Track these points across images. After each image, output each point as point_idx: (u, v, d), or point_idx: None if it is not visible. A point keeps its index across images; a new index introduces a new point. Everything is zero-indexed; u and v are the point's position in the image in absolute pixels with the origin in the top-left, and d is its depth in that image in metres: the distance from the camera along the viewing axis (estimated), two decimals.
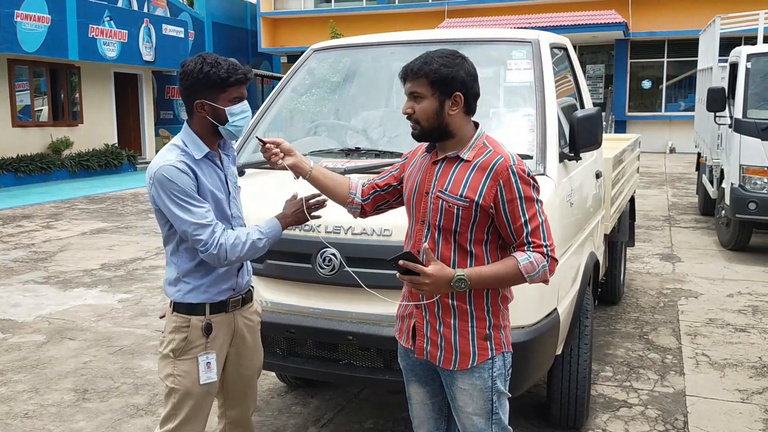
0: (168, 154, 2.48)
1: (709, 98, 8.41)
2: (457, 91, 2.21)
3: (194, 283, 2.54)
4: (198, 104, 2.46)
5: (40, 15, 15.20)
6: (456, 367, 2.30)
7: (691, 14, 21.04)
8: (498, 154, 2.23)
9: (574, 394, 3.70)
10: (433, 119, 2.22)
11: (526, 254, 2.19)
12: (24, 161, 15.49)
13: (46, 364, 4.94)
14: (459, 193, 2.22)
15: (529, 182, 2.22)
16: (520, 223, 2.19)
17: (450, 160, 2.28)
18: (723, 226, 8.58)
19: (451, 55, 2.25)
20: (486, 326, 2.29)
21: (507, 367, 2.38)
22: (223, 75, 2.41)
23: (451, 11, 24.15)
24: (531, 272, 2.18)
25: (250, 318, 2.73)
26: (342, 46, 4.32)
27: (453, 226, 2.24)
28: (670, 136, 22.39)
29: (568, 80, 4.27)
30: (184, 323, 2.54)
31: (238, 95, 2.47)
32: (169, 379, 2.55)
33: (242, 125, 2.51)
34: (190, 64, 2.45)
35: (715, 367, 4.79)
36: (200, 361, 2.53)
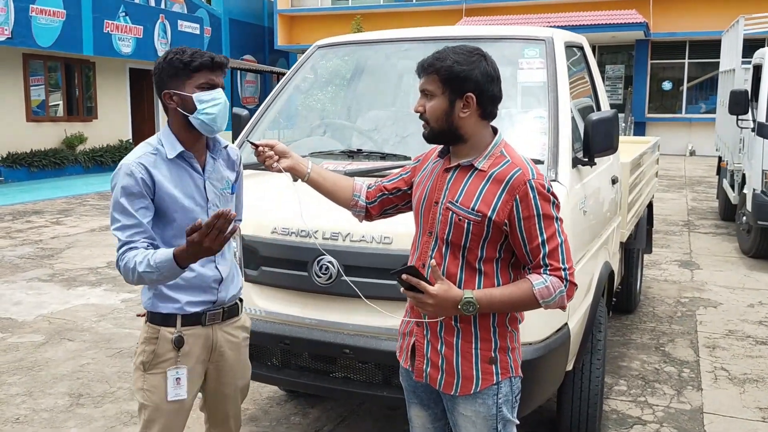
0: (135, 152, 2.34)
1: (731, 101, 8.17)
2: (469, 92, 2.02)
3: (164, 292, 2.37)
4: (166, 95, 2.30)
5: (55, 10, 15.17)
6: (458, 392, 2.12)
7: (713, 15, 20.68)
8: (516, 166, 2.03)
9: (585, 411, 3.52)
10: (442, 120, 2.05)
11: (542, 278, 2.00)
12: (37, 156, 15.47)
13: (42, 366, 4.83)
14: (471, 206, 2.03)
15: (549, 199, 2.02)
16: (537, 243, 2.00)
17: (463, 169, 2.09)
18: (744, 232, 8.32)
19: (469, 52, 2.05)
20: (491, 348, 2.10)
21: (515, 392, 2.18)
22: (186, 59, 2.24)
23: (469, 9, 23.93)
24: (547, 298, 1.99)
25: (233, 333, 2.52)
26: (347, 43, 4.15)
27: (462, 242, 2.05)
28: (690, 138, 22.03)
29: (584, 81, 4.08)
30: (154, 334, 2.38)
31: (205, 81, 2.28)
32: (140, 393, 2.40)
33: (214, 113, 2.29)
34: (160, 57, 2.32)
35: (734, 383, 4.57)
36: (169, 377, 2.36)
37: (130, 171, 2.25)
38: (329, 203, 3.12)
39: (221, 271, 2.45)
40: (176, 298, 2.36)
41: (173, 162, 2.33)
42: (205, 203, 2.39)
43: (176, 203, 2.32)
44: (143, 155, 2.31)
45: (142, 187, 2.25)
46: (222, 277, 2.45)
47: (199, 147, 2.40)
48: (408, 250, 2.28)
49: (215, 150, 2.46)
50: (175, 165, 2.33)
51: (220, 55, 2.33)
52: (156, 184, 2.28)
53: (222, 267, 2.45)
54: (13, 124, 15.37)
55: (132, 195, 2.25)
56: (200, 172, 2.39)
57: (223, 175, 2.48)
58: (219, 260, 2.45)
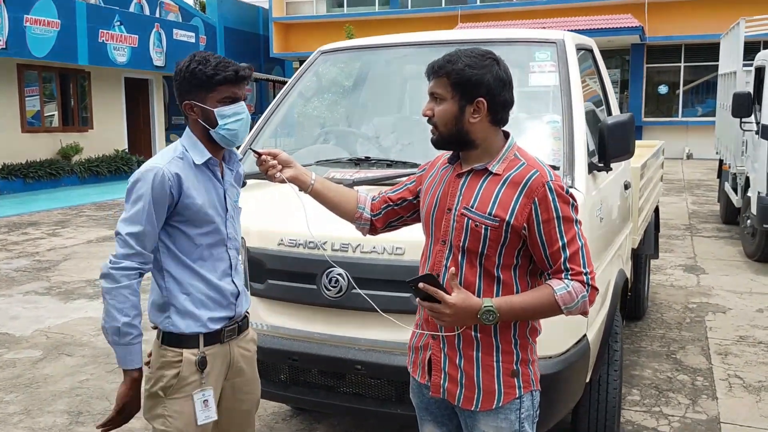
0: (162, 156, 2.24)
1: (734, 103, 8.09)
2: (480, 97, 1.93)
3: (186, 308, 2.25)
4: (187, 105, 2.21)
5: (49, 20, 15.07)
6: (478, 407, 2.02)
7: (708, 18, 20.68)
8: (532, 168, 1.95)
9: (602, 423, 3.41)
10: (451, 125, 1.97)
11: (563, 283, 1.91)
12: (33, 167, 15.33)
13: (40, 383, 4.70)
14: (487, 211, 1.94)
15: (568, 201, 1.94)
16: (557, 246, 1.91)
17: (477, 173, 2.00)
18: (748, 236, 8.24)
19: (481, 55, 1.96)
20: (513, 361, 2.01)
21: (535, 407, 2.09)
22: (209, 72, 2.14)
23: (464, 15, 23.90)
24: (569, 303, 1.90)
25: (246, 348, 2.44)
26: (351, 48, 4.06)
27: (479, 248, 1.96)
28: (687, 141, 21.99)
29: (594, 84, 3.99)
30: (175, 358, 2.25)
31: (229, 95, 2.19)
32: (158, 420, 2.26)
33: (236, 128, 2.22)
34: (181, 63, 2.20)
35: (749, 391, 4.47)
36: (196, 400, 2.24)
37: (163, 175, 2.16)
38: None
39: (237, 285, 2.37)
40: (198, 315, 2.26)
41: (200, 169, 2.25)
42: (225, 214, 2.32)
43: (201, 211, 2.23)
44: (172, 160, 2.21)
45: (168, 194, 2.17)
46: (239, 291, 2.38)
47: (219, 157, 2.33)
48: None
49: (231, 162, 2.39)
50: (201, 172, 2.26)
51: (245, 66, 2.25)
52: (183, 191, 2.19)
53: (237, 281, 2.38)
54: (8, 134, 15.24)
55: (158, 202, 2.16)
56: (221, 181, 2.32)
57: (236, 188, 2.43)
58: (235, 274, 2.37)
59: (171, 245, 2.25)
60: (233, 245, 2.37)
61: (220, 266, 2.31)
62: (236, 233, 2.40)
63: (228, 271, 2.34)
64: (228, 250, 2.34)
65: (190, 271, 2.25)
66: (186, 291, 2.25)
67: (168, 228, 2.24)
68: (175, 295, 2.26)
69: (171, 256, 2.26)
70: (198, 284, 2.26)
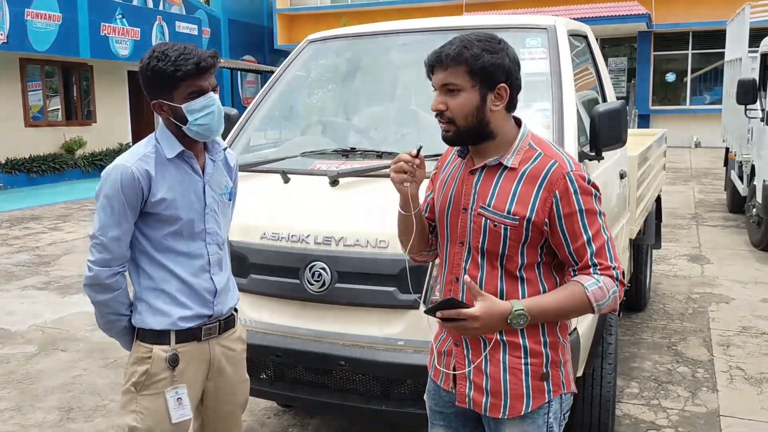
0: (132, 152, 2.18)
1: (739, 90, 7.97)
2: (502, 83, 1.81)
3: (155, 305, 2.20)
4: (155, 104, 2.13)
5: (51, 13, 15.02)
6: (506, 413, 1.88)
7: (715, 5, 20.42)
8: (551, 158, 1.83)
9: (597, 418, 3.34)
10: (472, 117, 1.81)
11: (593, 278, 1.79)
12: (36, 161, 15.35)
13: (33, 379, 4.67)
14: (506, 210, 1.81)
15: (591, 192, 1.82)
16: (582, 241, 1.79)
17: (491, 169, 1.87)
18: (754, 225, 8.13)
19: (492, 38, 1.83)
20: (543, 363, 1.87)
21: (564, 410, 1.96)
22: (170, 69, 2.04)
23: (468, 5, 23.72)
24: (600, 300, 1.78)
25: (230, 347, 2.35)
26: (341, 36, 3.97)
27: (500, 250, 1.84)
28: (695, 130, 21.77)
29: (588, 72, 3.90)
30: (146, 354, 2.20)
31: (194, 89, 2.09)
32: (131, 416, 2.22)
33: (208, 122, 2.13)
34: (144, 59, 2.11)
35: (751, 383, 4.39)
36: (168, 398, 2.18)
37: (131, 174, 2.10)
38: (321, 206, 2.97)
39: (216, 282, 2.28)
40: (168, 311, 2.19)
41: (173, 162, 2.18)
42: (203, 209, 2.24)
43: (172, 207, 2.16)
44: (143, 156, 2.15)
45: (138, 193, 2.11)
46: (216, 288, 2.27)
47: (198, 149, 2.24)
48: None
49: (214, 152, 2.30)
50: (175, 166, 2.18)
51: (207, 54, 2.11)
52: (153, 187, 2.13)
53: (217, 278, 2.29)
54: (11, 129, 15.24)
55: (129, 202, 2.11)
56: (200, 174, 2.23)
57: (222, 179, 2.33)
58: (215, 270, 2.28)
59: (143, 241, 2.20)
60: (214, 240, 2.28)
61: (196, 263, 2.24)
62: (218, 228, 2.30)
63: (206, 267, 2.26)
64: (207, 245, 2.26)
65: (161, 267, 2.20)
66: (157, 287, 2.20)
67: (140, 224, 2.18)
68: (147, 292, 2.21)
69: (143, 252, 2.20)
70: (170, 281, 2.20)
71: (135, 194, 2.11)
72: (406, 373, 2.66)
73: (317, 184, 3.02)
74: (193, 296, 2.23)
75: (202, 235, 2.25)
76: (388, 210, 2.74)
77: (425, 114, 3.48)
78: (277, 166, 3.25)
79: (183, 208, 2.18)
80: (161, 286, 2.20)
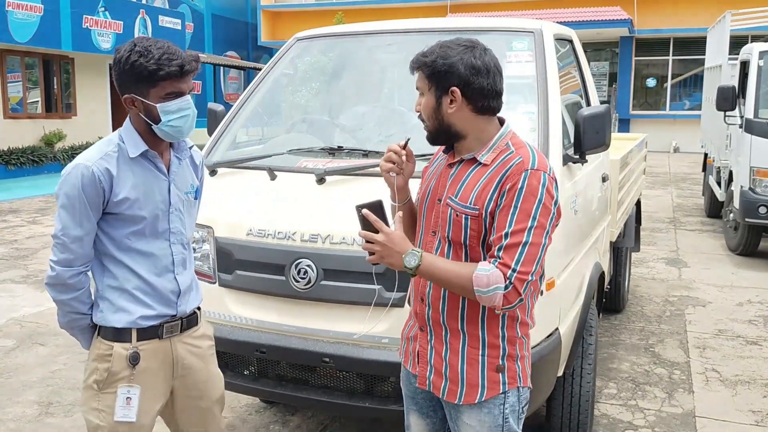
0: (94, 150, 2.14)
1: (718, 97, 8.08)
2: (452, 86, 1.89)
3: (116, 302, 2.17)
4: (128, 99, 2.11)
5: (32, 4, 14.83)
6: (462, 400, 1.99)
7: (697, 12, 20.67)
8: (517, 155, 1.90)
9: (575, 417, 3.39)
10: (433, 118, 1.96)
11: (489, 265, 1.84)
12: (15, 154, 15.15)
13: (11, 373, 4.63)
14: (469, 200, 1.91)
15: (536, 195, 1.84)
16: (500, 234, 1.85)
17: (467, 163, 1.97)
18: (731, 229, 8.25)
19: (457, 44, 1.93)
20: (499, 356, 1.98)
21: (522, 403, 2.04)
22: (152, 67, 2.02)
23: (453, 6, 23.78)
24: (482, 287, 1.82)
25: (194, 344, 2.33)
26: (328, 35, 3.99)
27: (462, 239, 1.93)
28: (674, 135, 22.00)
29: (573, 75, 3.94)
30: (107, 351, 2.17)
31: (173, 90, 2.07)
32: (93, 413, 2.19)
33: (180, 125, 2.12)
34: (122, 51, 2.07)
35: (726, 385, 4.47)
36: (119, 394, 2.16)
37: (92, 173, 2.07)
38: (308, 203, 2.98)
39: (180, 283, 2.25)
40: (128, 309, 2.17)
41: (136, 161, 2.15)
42: (167, 207, 2.21)
43: (134, 206, 2.13)
44: (105, 155, 2.12)
45: (99, 192, 2.08)
46: (180, 289, 2.26)
47: (163, 146, 2.22)
48: None
49: (180, 150, 2.27)
50: (138, 165, 2.15)
51: (190, 57, 2.10)
52: (115, 187, 2.10)
53: (181, 278, 2.26)
54: None
55: (91, 201, 2.08)
56: (165, 173, 2.21)
57: (188, 178, 2.31)
58: (179, 270, 2.26)
59: (105, 241, 2.17)
60: (178, 240, 2.26)
61: (160, 262, 2.21)
62: (183, 227, 2.28)
63: (170, 267, 2.23)
64: (171, 245, 2.23)
65: (123, 266, 2.17)
66: (119, 286, 2.18)
67: (102, 224, 2.15)
68: (109, 290, 2.19)
69: (105, 251, 2.18)
70: (132, 280, 2.18)
71: (96, 194, 2.08)
72: (390, 371, 2.68)
73: (304, 182, 3.03)
74: (155, 296, 2.20)
75: (166, 235, 2.22)
76: None
77: (411, 114, 3.51)
78: (263, 163, 3.25)
79: (147, 208, 2.16)
80: (123, 285, 2.17)
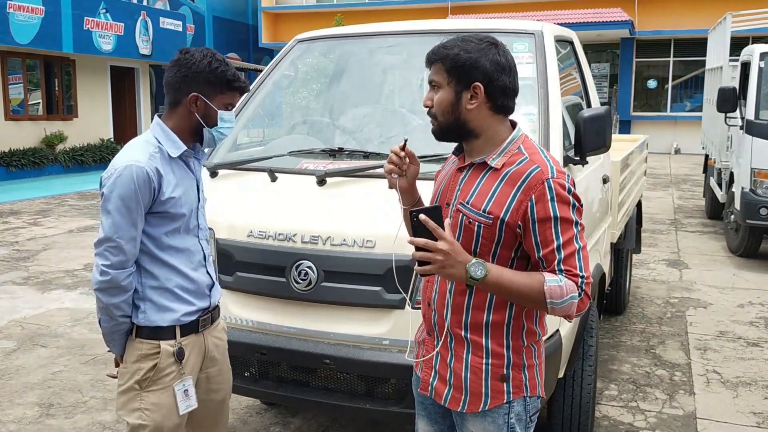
0: (139, 150, 2.17)
1: (719, 98, 8.08)
2: (476, 81, 1.85)
3: (161, 302, 2.23)
4: (193, 97, 2.19)
5: (33, 6, 14.85)
6: (465, 408, 1.94)
7: (698, 13, 20.67)
8: (534, 163, 1.84)
9: (577, 419, 3.38)
10: (449, 113, 1.88)
11: (557, 277, 1.79)
12: (16, 155, 15.15)
13: (12, 374, 4.63)
14: (482, 208, 1.85)
15: (568, 201, 1.83)
16: (552, 247, 1.80)
17: (477, 167, 1.91)
18: (732, 231, 8.25)
19: (479, 40, 1.89)
20: (504, 365, 1.91)
21: (530, 412, 1.98)
22: (230, 76, 2.20)
23: (454, 7, 23.80)
24: (556, 299, 1.77)
25: (219, 337, 2.45)
26: (329, 37, 3.98)
27: (473, 247, 1.87)
28: (675, 136, 22.01)
29: (573, 77, 3.94)
30: (152, 350, 2.22)
31: (232, 102, 2.26)
32: (135, 414, 2.22)
33: (226, 134, 2.28)
34: (196, 54, 2.19)
35: (727, 386, 4.46)
36: (177, 390, 2.24)
37: (145, 173, 2.11)
38: (308, 205, 2.98)
39: (211, 275, 2.38)
40: (173, 308, 2.24)
41: (174, 161, 2.23)
42: (197, 204, 2.32)
43: (179, 205, 2.22)
44: (151, 155, 2.16)
45: (151, 191, 2.14)
46: (213, 281, 2.38)
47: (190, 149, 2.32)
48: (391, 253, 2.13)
49: (198, 153, 2.36)
50: (176, 164, 2.24)
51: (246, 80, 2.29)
52: (163, 186, 2.16)
53: (210, 271, 2.39)
54: None
55: (143, 201, 2.13)
56: (194, 172, 2.32)
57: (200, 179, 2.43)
58: (208, 264, 2.37)
59: (145, 240, 2.20)
60: (204, 236, 2.37)
61: (195, 257, 2.31)
62: (206, 223, 2.41)
63: (202, 261, 2.34)
64: (200, 240, 2.34)
65: (165, 265, 2.23)
66: (160, 285, 2.23)
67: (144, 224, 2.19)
68: (149, 290, 2.23)
69: (145, 251, 2.22)
70: (174, 278, 2.24)
71: (149, 193, 2.14)
72: (391, 372, 2.68)
73: (304, 184, 3.03)
74: (195, 292, 2.29)
75: (196, 231, 2.33)
76: (375, 210, 2.78)
77: (412, 115, 3.51)
78: (264, 164, 3.25)
79: (186, 205, 2.25)
80: (165, 285, 2.23)
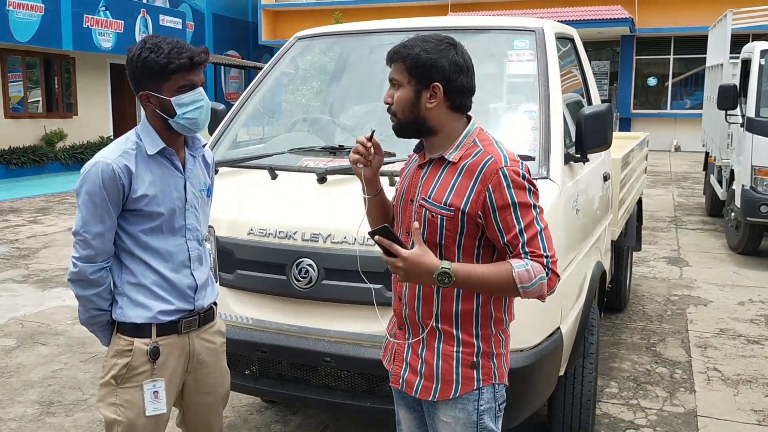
0: (113, 147, 2.19)
1: (720, 96, 8.06)
2: (435, 82, 1.91)
3: (135, 299, 2.21)
4: (143, 96, 2.16)
5: (33, 4, 14.83)
6: (436, 396, 2.00)
7: (698, 10, 20.64)
8: (488, 154, 1.91)
9: (577, 416, 3.38)
10: (408, 111, 1.95)
11: (523, 261, 1.86)
12: (16, 153, 15.15)
13: (12, 373, 4.63)
14: (443, 201, 1.92)
15: (524, 186, 1.89)
16: (514, 232, 1.87)
17: (437, 163, 1.99)
18: (732, 228, 8.24)
19: (438, 40, 1.94)
20: (473, 353, 1.98)
21: (498, 401, 2.05)
22: (162, 61, 2.08)
23: (454, 5, 23.76)
24: (526, 283, 1.84)
25: (210, 340, 2.39)
26: (329, 34, 3.98)
27: (437, 239, 1.93)
28: (675, 134, 22.00)
29: (574, 74, 3.94)
30: (126, 346, 2.22)
31: (186, 82, 2.14)
32: (111, 408, 2.23)
33: (195, 117, 2.18)
34: (133, 50, 2.14)
35: (727, 384, 4.46)
36: (145, 390, 2.21)
37: (112, 170, 2.11)
38: (309, 202, 2.97)
39: (196, 278, 2.31)
40: (148, 305, 2.22)
41: (154, 159, 2.20)
42: (183, 204, 2.26)
43: (154, 204, 2.18)
44: (123, 152, 2.16)
45: (119, 189, 2.12)
46: (197, 284, 2.31)
47: (179, 144, 2.27)
48: None
49: (194, 147, 2.33)
50: (155, 162, 2.20)
51: (199, 50, 2.16)
52: (133, 183, 2.14)
53: (198, 273, 2.32)
54: None
55: (111, 198, 2.12)
56: (181, 170, 2.27)
57: (201, 176, 2.36)
58: (195, 266, 2.31)
59: (123, 237, 2.21)
60: (194, 236, 2.31)
61: (177, 258, 2.26)
62: (198, 224, 2.34)
63: (186, 263, 2.28)
64: (187, 241, 2.28)
65: (141, 263, 2.21)
66: (138, 282, 2.22)
67: (120, 220, 2.19)
68: (127, 286, 2.22)
69: (123, 247, 2.22)
70: (150, 276, 2.22)
71: (116, 190, 2.13)
72: None
73: (305, 181, 3.03)
74: (173, 292, 2.25)
75: (183, 231, 2.28)
76: None
77: None
78: (264, 162, 3.25)
79: (164, 204, 2.20)
80: (142, 281, 2.22)
